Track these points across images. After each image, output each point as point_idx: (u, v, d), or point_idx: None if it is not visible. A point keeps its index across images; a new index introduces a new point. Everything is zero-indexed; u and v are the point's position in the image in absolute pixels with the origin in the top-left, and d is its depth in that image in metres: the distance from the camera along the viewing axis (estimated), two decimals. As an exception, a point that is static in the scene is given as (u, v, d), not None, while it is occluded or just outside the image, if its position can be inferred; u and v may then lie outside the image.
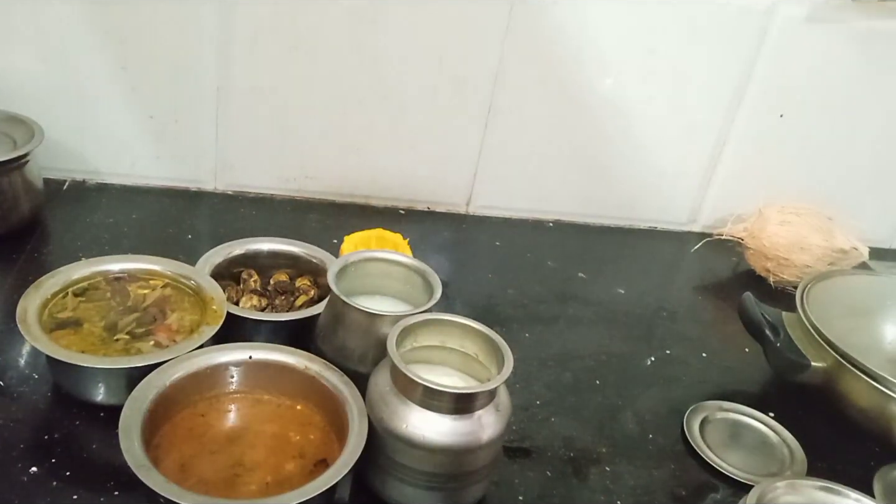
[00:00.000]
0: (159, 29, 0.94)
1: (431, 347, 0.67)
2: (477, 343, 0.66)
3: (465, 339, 0.66)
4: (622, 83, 1.05)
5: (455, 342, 0.67)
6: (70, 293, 0.73)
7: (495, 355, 0.64)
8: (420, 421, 0.60)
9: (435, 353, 0.67)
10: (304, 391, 0.67)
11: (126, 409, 0.59)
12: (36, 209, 0.92)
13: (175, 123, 1.01)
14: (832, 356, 0.79)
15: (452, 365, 0.67)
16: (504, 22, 0.99)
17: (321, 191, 1.09)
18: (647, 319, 0.98)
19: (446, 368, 0.67)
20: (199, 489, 0.58)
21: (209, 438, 0.63)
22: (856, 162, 1.16)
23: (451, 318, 0.66)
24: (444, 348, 0.67)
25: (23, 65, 0.94)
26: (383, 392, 0.62)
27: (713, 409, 0.82)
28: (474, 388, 0.61)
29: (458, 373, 0.67)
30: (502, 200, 1.13)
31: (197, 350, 0.67)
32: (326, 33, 0.97)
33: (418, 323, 0.65)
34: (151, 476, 0.54)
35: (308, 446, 0.64)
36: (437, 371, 0.66)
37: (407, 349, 0.65)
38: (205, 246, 0.83)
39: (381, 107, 1.03)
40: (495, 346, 0.64)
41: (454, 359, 0.67)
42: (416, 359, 0.66)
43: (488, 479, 0.66)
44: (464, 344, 0.66)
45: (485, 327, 0.65)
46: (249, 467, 0.62)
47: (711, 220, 1.18)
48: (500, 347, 0.63)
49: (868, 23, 1.05)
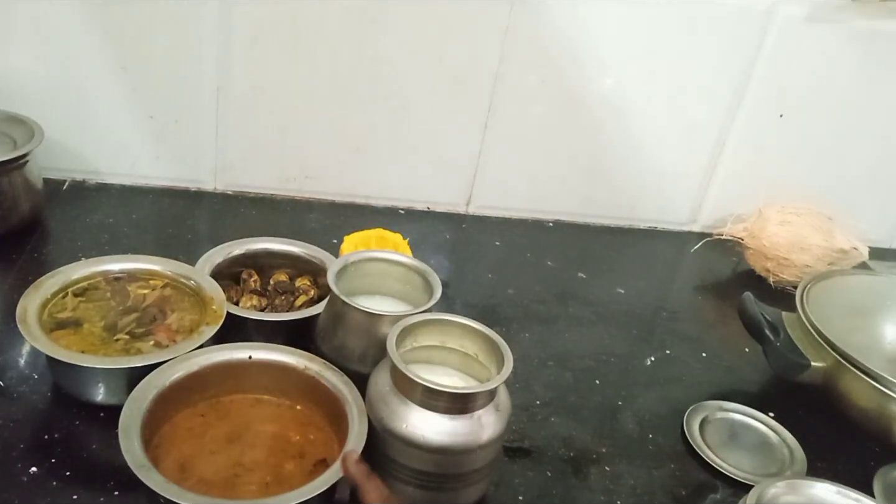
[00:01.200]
0: (159, 29, 0.94)
1: (431, 347, 0.67)
2: (477, 343, 0.66)
3: (464, 339, 0.66)
4: (622, 83, 1.05)
5: (455, 342, 0.67)
6: (70, 293, 0.73)
7: (495, 355, 0.64)
8: (420, 421, 0.60)
9: (435, 353, 0.67)
10: (304, 391, 0.67)
11: (126, 409, 0.60)
12: (36, 209, 0.92)
13: (175, 123, 1.01)
14: (832, 356, 0.79)
15: (452, 365, 0.68)
16: (504, 22, 0.99)
17: (321, 191, 1.09)
18: (647, 319, 0.98)
19: (446, 368, 0.67)
20: (199, 489, 0.58)
21: (209, 438, 0.64)
22: (856, 162, 1.16)
23: (451, 318, 0.66)
24: (445, 348, 0.67)
25: (23, 65, 0.94)
26: (383, 392, 0.62)
27: (713, 409, 0.82)
28: (473, 389, 0.61)
29: (458, 373, 0.67)
30: (502, 200, 1.13)
31: (197, 350, 0.67)
32: (326, 33, 0.97)
33: (418, 323, 0.65)
34: (151, 476, 0.54)
35: (308, 446, 0.64)
36: (437, 371, 0.66)
37: (407, 349, 0.65)
38: (205, 246, 0.83)
39: (381, 107, 1.03)
40: (495, 345, 0.64)
41: (454, 359, 0.67)
42: (416, 359, 0.66)
43: (488, 479, 0.66)
44: (464, 344, 0.66)
45: (485, 327, 0.65)
46: (249, 467, 0.62)
47: (711, 220, 1.18)
48: (500, 347, 0.63)
49: (868, 23, 1.05)
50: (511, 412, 0.64)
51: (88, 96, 0.98)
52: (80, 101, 0.98)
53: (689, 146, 1.12)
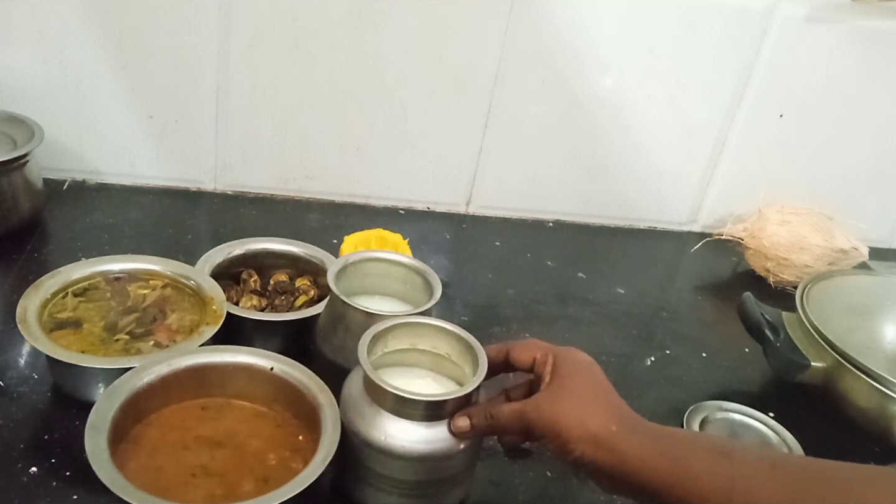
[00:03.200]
0: (159, 29, 0.94)
1: (403, 351, 0.66)
2: (449, 343, 0.65)
3: (436, 340, 0.65)
4: (622, 83, 1.05)
5: (426, 343, 0.65)
6: (70, 293, 0.73)
7: (468, 354, 0.62)
8: (394, 430, 0.58)
9: (407, 356, 0.66)
10: (309, 417, 0.63)
11: (99, 402, 0.59)
12: (36, 209, 0.92)
13: (175, 123, 1.01)
14: (832, 356, 0.80)
15: (425, 366, 0.66)
16: (504, 22, 0.99)
17: (321, 191, 1.09)
18: (647, 319, 0.98)
19: (420, 370, 0.66)
20: (149, 476, 0.57)
21: (192, 436, 0.62)
22: (856, 162, 1.16)
23: (421, 321, 0.65)
24: (416, 350, 0.66)
25: (23, 65, 0.94)
26: (356, 400, 0.60)
27: (713, 409, 0.82)
28: (446, 395, 0.59)
29: (431, 374, 0.66)
30: (502, 200, 1.13)
31: (199, 348, 0.67)
32: (326, 33, 0.97)
33: (388, 328, 0.64)
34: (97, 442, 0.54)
35: (278, 474, 0.60)
36: (410, 373, 0.65)
37: (378, 355, 0.64)
38: (205, 246, 0.83)
39: (381, 107, 1.03)
40: (467, 345, 0.62)
41: (427, 360, 0.66)
42: (388, 363, 0.65)
43: (467, 483, 0.65)
44: (435, 345, 0.65)
45: (455, 327, 0.64)
46: (210, 474, 0.60)
47: (711, 220, 1.18)
48: (473, 347, 0.62)
49: (868, 23, 1.05)
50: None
51: (88, 96, 0.98)
52: (80, 101, 0.98)
53: (689, 146, 1.12)
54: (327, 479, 0.62)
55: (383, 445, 0.58)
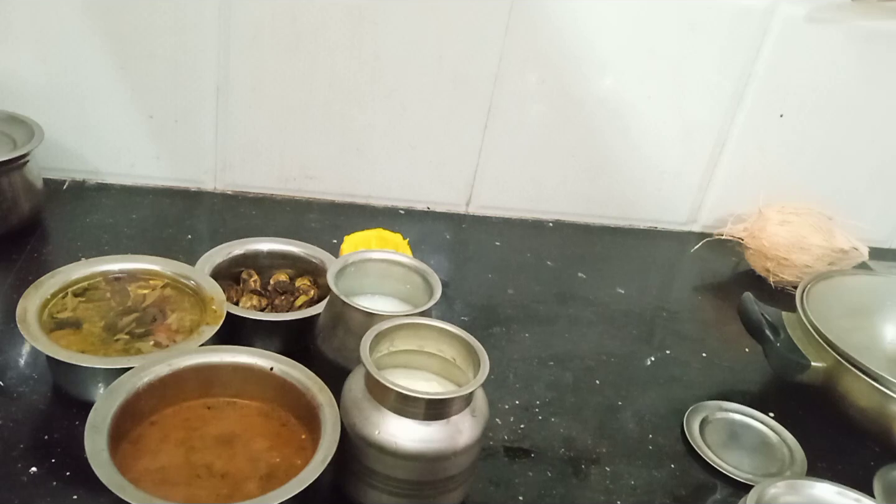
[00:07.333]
0: (159, 29, 0.94)
1: (409, 352, 0.65)
2: (454, 347, 0.64)
3: (441, 343, 0.65)
4: (622, 83, 1.05)
5: (432, 346, 0.65)
6: (70, 293, 0.73)
7: (472, 359, 0.62)
8: (395, 429, 0.58)
9: (413, 358, 0.66)
10: (309, 417, 0.63)
11: (100, 400, 0.59)
12: (36, 209, 0.92)
13: (175, 123, 1.01)
14: (832, 356, 0.80)
15: (431, 369, 0.66)
16: (504, 22, 0.99)
17: (321, 191, 1.09)
18: (647, 319, 0.98)
19: (425, 373, 0.66)
20: (154, 477, 0.57)
21: (199, 436, 0.62)
22: (856, 162, 1.16)
23: (427, 322, 0.64)
24: (422, 353, 0.66)
25: (23, 65, 0.94)
26: (357, 398, 0.60)
27: (713, 409, 0.82)
28: (447, 394, 0.59)
29: (436, 377, 0.66)
30: (502, 200, 1.13)
31: (199, 348, 0.67)
32: (326, 33, 0.97)
33: (395, 327, 0.63)
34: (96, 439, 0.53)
35: (283, 473, 0.60)
36: (415, 376, 0.65)
37: (383, 353, 0.63)
38: (205, 246, 0.83)
39: (381, 107, 1.03)
40: (472, 350, 0.62)
41: (432, 363, 0.66)
42: (393, 363, 0.65)
43: (467, 485, 0.64)
44: (441, 348, 0.65)
45: (462, 331, 0.64)
46: (215, 474, 0.60)
47: (711, 220, 1.18)
48: (477, 351, 0.62)
49: (868, 23, 1.05)
50: (488, 417, 0.62)
51: (88, 96, 0.98)
52: (80, 101, 0.98)
53: (689, 146, 1.12)
54: (327, 480, 0.62)
55: (384, 445, 0.58)
